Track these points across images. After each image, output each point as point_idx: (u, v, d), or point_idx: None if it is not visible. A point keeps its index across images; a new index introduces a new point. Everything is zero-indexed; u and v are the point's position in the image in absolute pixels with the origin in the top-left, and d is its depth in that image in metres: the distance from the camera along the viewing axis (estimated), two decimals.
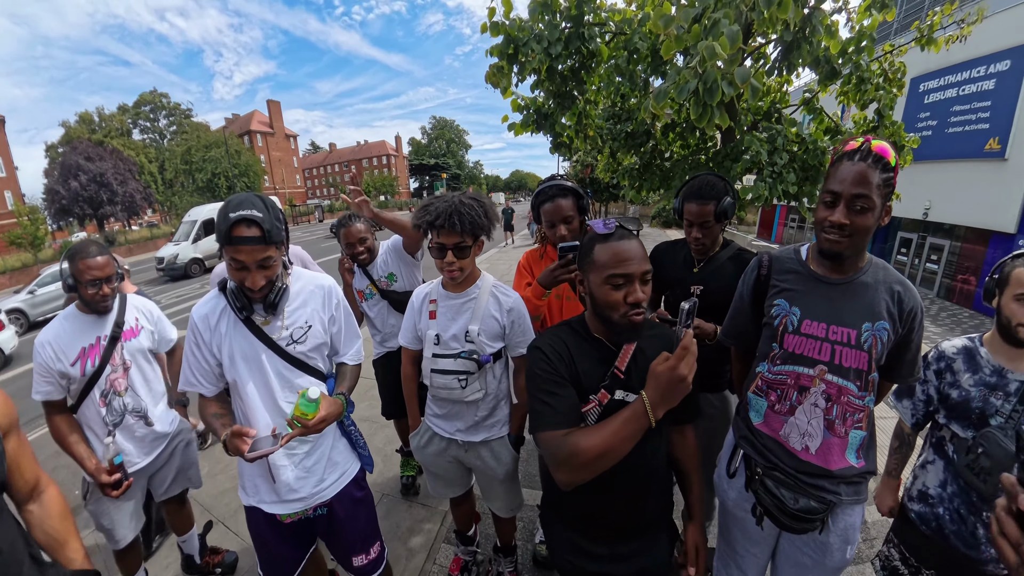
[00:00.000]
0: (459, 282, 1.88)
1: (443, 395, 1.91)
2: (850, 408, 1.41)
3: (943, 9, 4.79)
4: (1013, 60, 13.70)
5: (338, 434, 1.83)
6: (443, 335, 1.90)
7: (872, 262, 1.46)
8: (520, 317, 1.94)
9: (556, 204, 2.06)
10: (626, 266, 1.26)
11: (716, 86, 2.60)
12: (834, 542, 1.50)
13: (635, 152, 4.72)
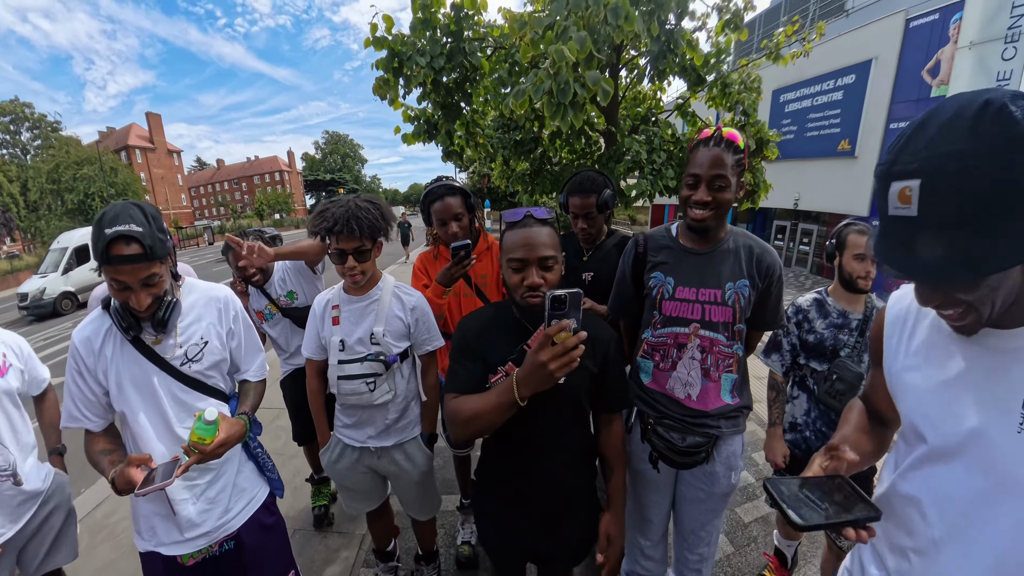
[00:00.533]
0: (361, 285, 1.85)
1: (352, 401, 1.86)
2: (721, 356, 1.61)
3: (786, 30, 5.33)
4: (857, 74, 15.80)
5: (244, 458, 1.68)
6: (348, 340, 1.85)
7: (732, 231, 1.66)
8: (424, 315, 1.95)
9: (445, 203, 2.11)
10: (523, 251, 1.32)
11: (569, 87, 2.81)
12: (720, 470, 1.70)
13: (526, 158, 4.91)
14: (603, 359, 1.44)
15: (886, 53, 15.02)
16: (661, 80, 4.83)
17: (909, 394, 0.88)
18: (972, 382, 0.77)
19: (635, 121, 5.33)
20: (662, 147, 4.98)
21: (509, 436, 1.45)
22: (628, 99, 5.46)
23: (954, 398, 0.79)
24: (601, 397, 1.48)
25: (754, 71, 5.48)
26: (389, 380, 1.87)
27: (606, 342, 1.45)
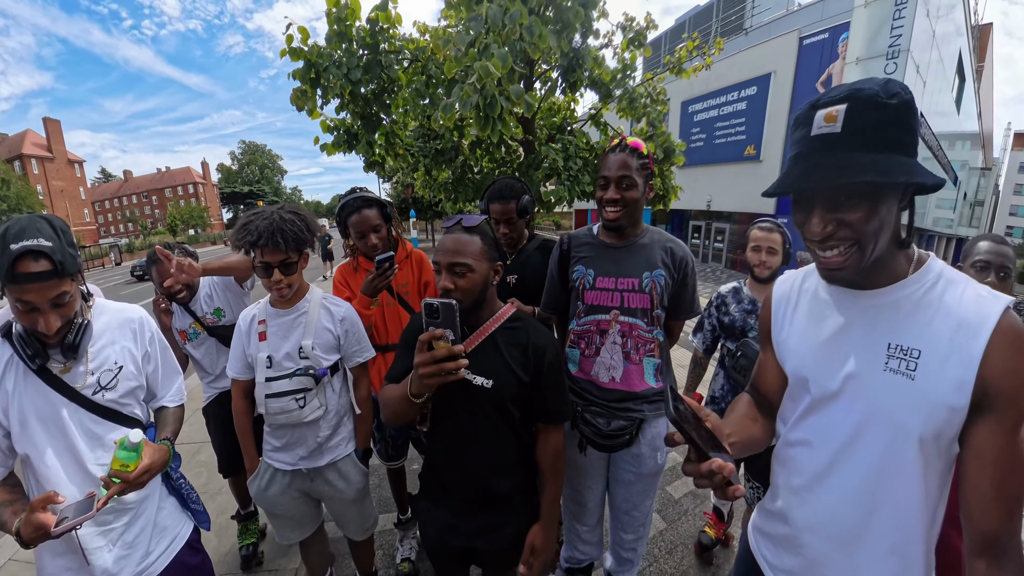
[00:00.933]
0: (288, 298, 1.78)
1: (281, 420, 1.74)
2: (641, 340, 1.73)
3: (687, 45, 5.71)
4: (759, 87, 17.25)
5: (164, 492, 1.52)
6: (276, 356, 1.75)
7: (648, 230, 1.80)
8: (353, 325, 1.90)
9: (362, 215, 2.08)
10: (440, 255, 1.36)
11: (495, 100, 2.97)
12: (645, 451, 1.79)
13: (447, 167, 5.03)
14: (537, 367, 1.42)
15: (783, 68, 16.50)
16: (573, 92, 5.09)
17: (795, 354, 1.01)
18: (847, 336, 0.91)
19: (551, 131, 5.57)
20: (578, 155, 5.27)
21: (438, 435, 1.50)
22: (544, 110, 5.69)
23: (833, 350, 0.92)
24: (535, 407, 1.47)
25: (659, 84, 5.83)
26: (320, 395, 1.79)
27: (542, 350, 1.43)
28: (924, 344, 0.80)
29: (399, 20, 3.71)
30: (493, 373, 1.38)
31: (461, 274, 1.34)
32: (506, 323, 1.46)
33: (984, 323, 0.76)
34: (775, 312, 1.09)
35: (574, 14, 3.61)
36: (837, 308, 0.94)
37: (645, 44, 5.23)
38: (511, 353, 1.41)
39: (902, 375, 0.81)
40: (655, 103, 5.76)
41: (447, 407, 1.44)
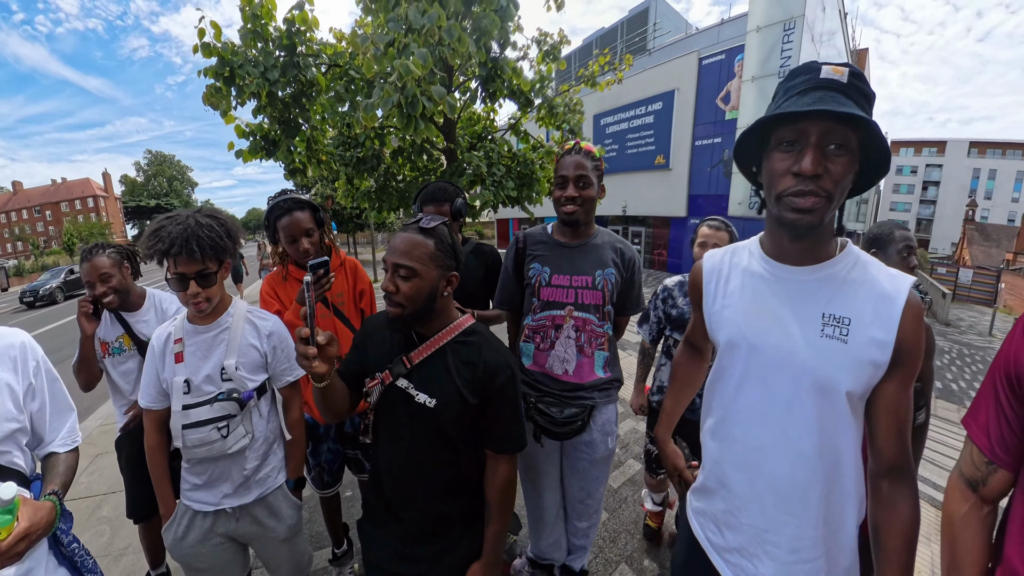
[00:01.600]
0: (207, 313, 1.58)
1: (201, 454, 1.52)
2: (594, 334, 1.82)
3: (599, 60, 5.93)
4: (664, 102, 18.49)
5: (52, 562, 1.21)
6: (194, 379, 1.54)
7: (600, 231, 1.91)
8: (282, 341, 1.71)
9: (293, 217, 1.91)
10: (387, 254, 1.27)
11: (417, 100, 2.95)
12: (597, 437, 1.87)
13: (370, 175, 4.96)
14: (486, 390, 1.29)
15: (685, 85, 17.87)
16: (493, 102, 5.14)
17: (731, 324, 1.06)
18: (785, 307, 0.99)
19: (472, 139, 5.56)
20: (500, 161, 5.31)
21: (380, 451, 1.39)
22: (464, 119, 5.67)
23: (773, 321, 0.99)
24: (482, 432, 1.35)
25: (575, 95, 6.01)
26: (245, 421, 1.59)
27: (494, 371, 1.30)
28: (853, 313, 0.91)
29: (316, 24, 3.59)
30: (438, 391, 1.28)
31: (406, 277, 1.24)
32: (459, 336, 1.35)
33: (899, 295, 0.90)
34: (706, 284, 1.15)
35: (491, 22, 3.62)
36: (774, 282, 1.01)
37: (559, 58, 5.37)
38: (460, 371, 1.30)
39: (837, 340, 0.92)
40: (573, 112, 5.92)
41: (389, 421, 1.34)
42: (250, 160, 3.88)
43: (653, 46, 22.05)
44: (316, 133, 4.19)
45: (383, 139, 4.79)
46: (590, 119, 20.51)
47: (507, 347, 1.47)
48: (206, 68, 3.32)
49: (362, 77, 3.96)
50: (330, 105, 4.07)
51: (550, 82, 5.56)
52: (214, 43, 3.30)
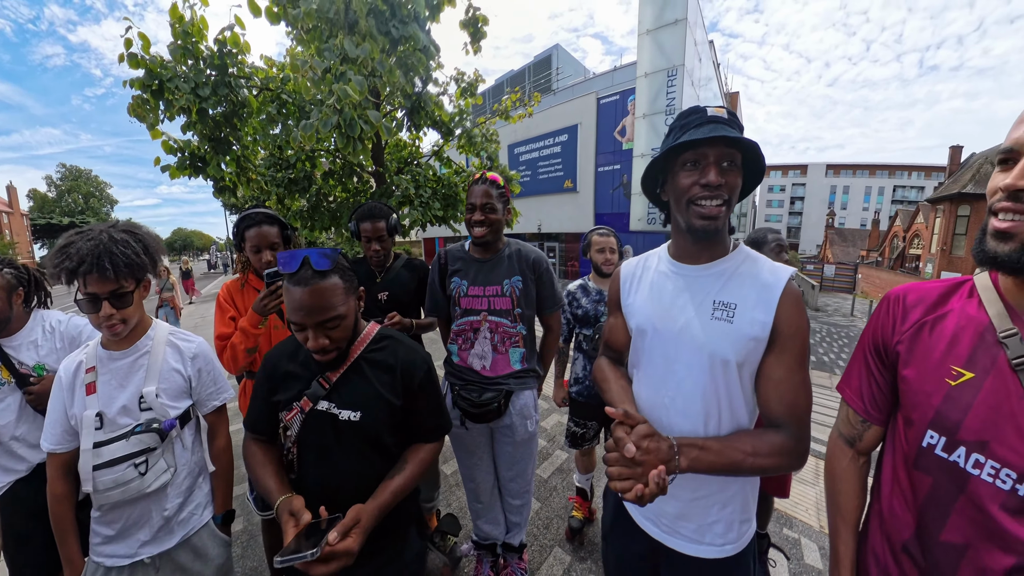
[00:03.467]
0: (123, 336, 1.36)
1: (115, 498, 1.27)
2: (507, 335, 1.93)
3: (511, 97, 6.23)
4: (569, 134, 19.55)
5: None
6: (108, 411, 1.30)
7: (509, 243, 2.02)
8: (208, 363, 1.52)
9: (262, 230, 1.90)
10: (301, 315, 1.11)
11: (355, 122, 2.94)
12: (516, 421, 1.96)
13: (302, 196, 4.77)
14: (408, 388, 1.25)
15: (586, 120, 19.08)
16: (418, 131, 5.23)
17: (641, 312, 1.16)
18: (684, 296, 1.08)
19: (400, 163, 5.61)
20: (427, 184, 5.39)
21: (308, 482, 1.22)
22: (391, 145, 5.72)
23: (674, 308, 1.09)
24: (412, 428, 1.30)
25: (491, 127, 6.27)
26: (166, 454, 1.37)
27: (411, 369, 1.27)
28: (739, 299, 1.01)
29: (247, 48, 3.45)
30: (362, 403, 1.20)
31: (335, 326, 1.15)
32: (371, 345, 1.28)
33: (777, 285, 0.99)
34: (623, 285, 1.26)
35: (417, 60, 3.76)
36: (677, 278, 1.12)
37: (476, 94, 5.61)
38: (380, 378, 1.23)
39: (724, 321, 1.00)
40: (489, 142, 6.16)
41: (316, 446, 1.21)
42: (177, 176, 3.59)
43: (557, 87, 23.60)
44: (247, 152, 3.99)
45: (314, 161, 4.67)
46: (505, 149, 21.58)
47: (417, 343, 1.43)
48: (133, 79, 3.07)
49: (294, 101, 3.86)
50: (262, 127, 3.92)
51: (468, 115, 5.77)
52: (142, 55, 3.06)
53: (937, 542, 0.80)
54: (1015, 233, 0.71)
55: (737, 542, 1.06)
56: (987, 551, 0.74)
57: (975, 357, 0.79)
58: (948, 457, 0.78)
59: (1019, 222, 0.71)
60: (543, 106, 20.63)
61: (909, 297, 0.92)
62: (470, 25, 5.07)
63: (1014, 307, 0.79)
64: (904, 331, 0.90)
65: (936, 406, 0.81)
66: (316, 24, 2.91)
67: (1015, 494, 0.71)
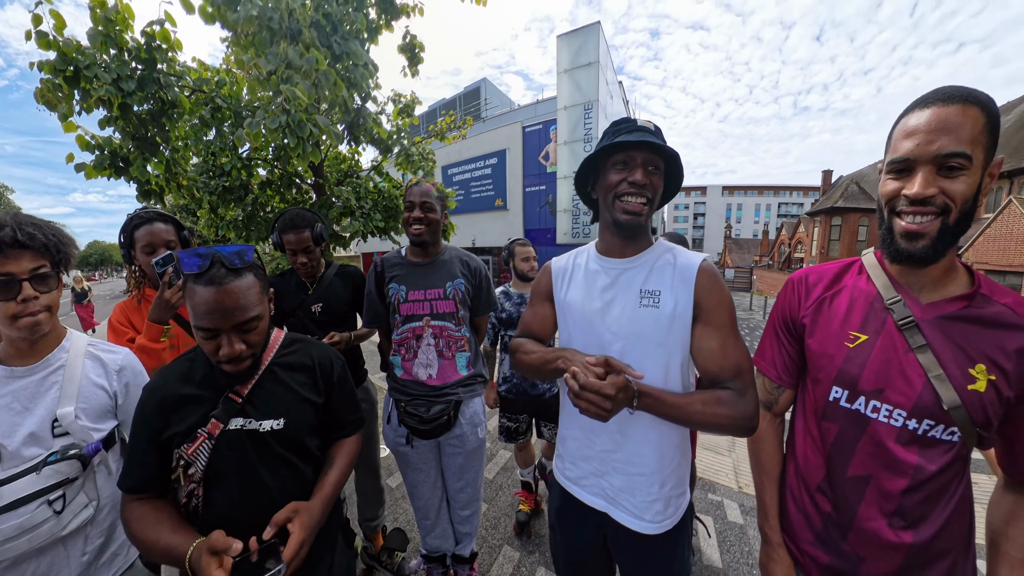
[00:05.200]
0: (36, 340, 1.06)
1: (23, 547, 0.96)
2: (452, 339, 1.76)
3: (445, 119, 6.23)
4: (498, 158, 20.07)
5: None
6: (9, 444, 0.98)
7: (447, 247, 1.88)
8: (136, 376, 1.24)
9: (154, 227, 1.57)
10: (213, 319, 0.92)
11: (304, 124, 2.69)
12: (467, 430, 1.80)
13: (236, 205, 4.31)
14: (328, 383, 1.15)
15: (513, 146, 19.62)
16: (357, 145, 5.04)
17: (575, 308, 1.15)
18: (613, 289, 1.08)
19: (340, 176, 5.39)
20: (368, 196, 5.20)
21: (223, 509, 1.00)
22: (331, 158, 5.48)
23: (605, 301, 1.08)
24: (332, 425, 1.18)
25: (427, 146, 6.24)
26: (87, 486, 1.08)
27: (329, 363, 1.17)
28: (662, 286, 1.03)
29: (179, 45, 3.03)
30: (284, 409, 1.05)
31: (251, 329, 0.98)
32: (282, 349, 1.14)
33: (692, 266, 1.03)
34: (556, 279, 1.23)
35: (360, 75, 3.63)
36: (605, 272, 1.12)
37: (412, 115, 5.55)
38: (298, 380, 1.10)
39: (651, 307, 1.02)
40: (426, 160, 6.12)
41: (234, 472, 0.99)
42: (94, 176, 3.02)
43: (486, 115, 24.16)
44: (177, 156, 3.51)
45: (251, 170, 4.26)
46: (440, 169, 21.68)
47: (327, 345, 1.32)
48: (42, 62, 2.54)
49: (229, 107, 3.49)
50: (195, 132, 3.49)
51: (406, 134, 5.70)
52: (54, 35, 2.55)
53: (845, 478, 0.88)
54: (925, 232, 0.78)
55: (674, 516, 1.07)
56: (886, 478, 0.83)
57: (868, 322, 0.89)
58: (851, 407, 0.88)
59: (927, 223, 0.78)
60: (474, 132, 21.47)
61: (810, 278, 1.02)
62: (407, 50, 5.03)
63: (897, 279, 0.89)
64: (808, 306, 0.98)
65: (839, 366, 0.89)
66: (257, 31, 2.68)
67: (905, 429, 0.82)
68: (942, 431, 0.80)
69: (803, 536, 0.97)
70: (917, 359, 0.81)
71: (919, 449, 0.81)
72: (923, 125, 0.75)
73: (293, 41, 2.83)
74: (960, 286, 0.84)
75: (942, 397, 0.78)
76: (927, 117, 0.75)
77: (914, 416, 0.81)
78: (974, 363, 0.78)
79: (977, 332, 0.79)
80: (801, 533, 0.97)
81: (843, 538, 0.89)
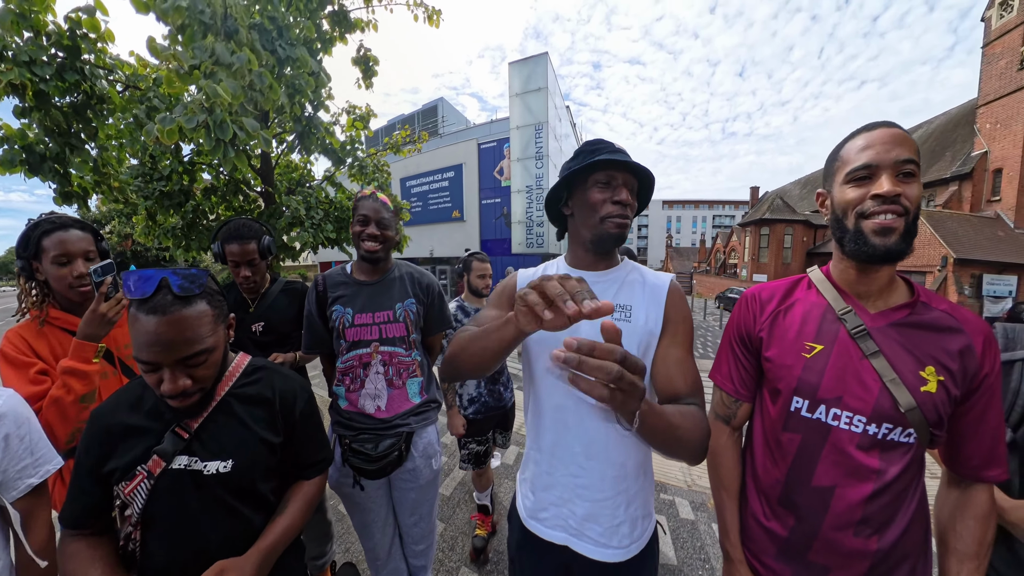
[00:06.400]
0: None
1: None
2: (402, 365, 1.54)
3: (401, 132, 6.07)
4: (455, 172, 20.06)
5: None
6: None
7: (397, 264, 1.65)
8: (21, 426, 0.92)
9: (68, 235, 1.26)
10: (155, 352, 0.77)
11: (227, 125, 2.36)
12: (420, 463, 1.55)
13: (176, 212, 3.88)
14: (288, 420, 0.98)
15: (470, 161, 19.70)
16: (308, 155, 4.77)
17: None
18: None
19: (291, 184, 5.06)
20: (319, 206, 4.91)
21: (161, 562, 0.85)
22: (282, 166, 5.15)
23: None
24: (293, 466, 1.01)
25: (382, 158, 6.03)
26: None
27: (292, 398, 1.00)
28: (634, 301, 0.99)
29: (110, 36, 2.65)
30: (234, 449, 0.89)
31: (199, 363, 0.83)
32: (242, 379, 0.96)
33: (663, 285, 1.00)
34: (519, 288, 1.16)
35: (305, 83, 3.41)
36: None
37: (367, 126, 5.36)
38: (254, 415, 0.94)
39: (624, 321, 0.97)
40: (380, 171, 5.91)
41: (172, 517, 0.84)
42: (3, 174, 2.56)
43: (443, 131, 24.03)
44: (107, 155, 3.07)
45: (193, 174, 3.87)
46: (398, 181, 21.38)
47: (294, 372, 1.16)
48: None
49: (168, 107, 3.09)
50: (129, 132, 3.08)
51: (360, 146, 5.47)
52: None
53: (810, 488, 0.85)
54: (895, 228, 0.78)
55: (641, 539, 0.99)
56: (850, 486, 0.81)
57: (822, 332, 0.88)
58: (812, 416, 0.86)
59: (895, 219, 0.78)
60: (432, 146, 21.59)
61: (763, 294, 1.02)
62: (361, 63, 4.85)
63: (846, 291, 0.90)
64: (763, 321, 0.98)
65: (798, 375, 0.88)
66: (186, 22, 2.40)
67: (866, 434, 0.80)
68: (900, 433, 0.80)
69: (766, 551, 0.94)
70: (871, 365, 0.82)
71: (880, 453, 0.80)
72: (877, 139, 0.80)
73: (228, 39, 2.59)
74: (901, 295, 0.87)
75: (898, 400, 0.78)
76: (879, 134, 0.80)
77: (873, 420, 0.81)
78: (924, 366, 0.79)
79: (923, 336, 0.81)
80: (764, 547, 0.94)
81: (808, 548, 0.86)
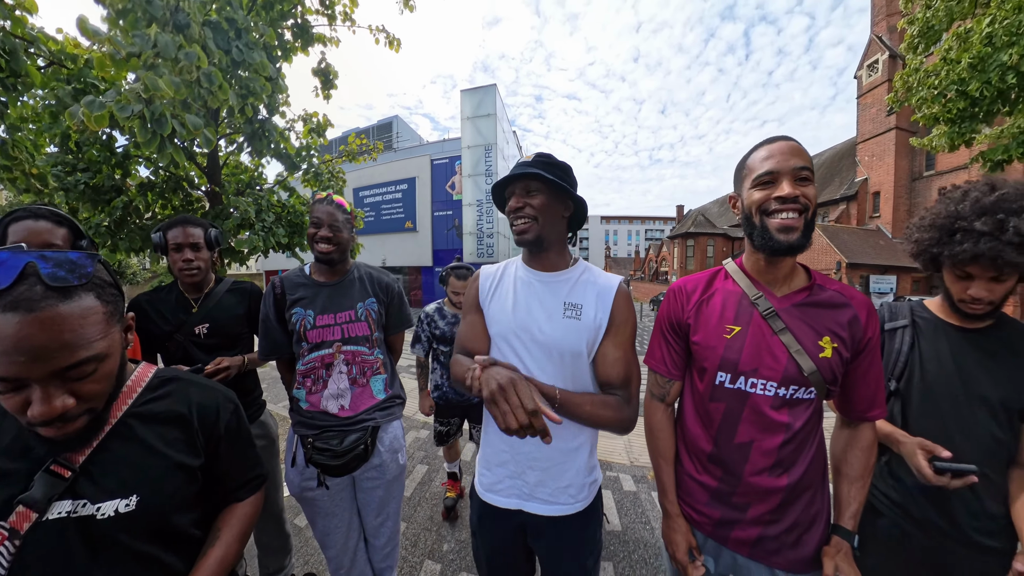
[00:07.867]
0: None
1: None
2: (366, 364, 1.44)
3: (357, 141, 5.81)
4: (408, 184, 19.80)
5: None
6: None
7: (356, 264, 1.56)
8: None
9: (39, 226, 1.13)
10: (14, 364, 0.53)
11: (166, 119, 2.08)
12: (387, 458, 1.45)
13: (104, 209, 3.33)
14: (211, 437, 0.77)
15: (423, 175, 19.49)
16: (259, 157, 4.38)
17: (503, 316, 1.07)
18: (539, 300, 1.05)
19: (240, 186, 4.61)
20: (270, 209, 4.52)
21: None
22: (231, 166, 4.69)
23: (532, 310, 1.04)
24: (222, 490, 0.81)
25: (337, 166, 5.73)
26: None
27: (214, 411, 0.78)
28: (584, 300, 1.02)
29: (33, 6, 2.24)
30: (137, 483, 0.66)
31: (86, 375, 0.58)
32: (145, 394, 0.73)
33: (612, 287, 1.04)
34: (481, 289, 1.15)
35: (261, 86, 3.14)
36: (532, 284, 1.08)
37: (323, 135, 5.07)
38: (165, 437, 0.71)
39: (574, 319, 1.00)
40: (335, 178, 5.61)
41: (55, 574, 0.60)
42: None
43: (398, 145, 23.52)
44: (19, 138, 2.58)
45: (126, 168, 3.36)
46: (352, 191, 20.54)
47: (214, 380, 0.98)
48: None
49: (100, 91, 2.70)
50: (49, 114, 2.62)
51: (316, 153, 5.15)
52: None
53: (733, 445, 0.95)
54: (796, 227, 0.86)
55: (586, 499, 1.05)
56: (765, 439, 0.92)
57: (739, 316, 0.97)
58: (733, 386, 0.95)
59: (795, 219, 0.86)
60: (387, 159, 21.22)
61: (687, 286, 1.09)
62: (321, 73, 4.59)
63: (757, 280, 0.99)
64: (690, 309, 1.05)
65: (721, 354, 0.96)
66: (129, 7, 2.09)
67: (777, 396, 0.91)
68: (803, 392, 0.90)
69: (699, 500, 1.03)
70: (780, 340, 0.92)
71: (788, 410, 0.91)
72: (777, 151, 0.88)
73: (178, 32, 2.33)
74: (801, 281, 0.98)
75: (802, 366, 0.89)
76: (778, 147, 0.88)
77: (783, 385, 0.91)
78: (821, 336, 0.91)
79: (819, 313, 0.93)
80: (698, 497, 1.04)
81: (733, 493, 0.97)
